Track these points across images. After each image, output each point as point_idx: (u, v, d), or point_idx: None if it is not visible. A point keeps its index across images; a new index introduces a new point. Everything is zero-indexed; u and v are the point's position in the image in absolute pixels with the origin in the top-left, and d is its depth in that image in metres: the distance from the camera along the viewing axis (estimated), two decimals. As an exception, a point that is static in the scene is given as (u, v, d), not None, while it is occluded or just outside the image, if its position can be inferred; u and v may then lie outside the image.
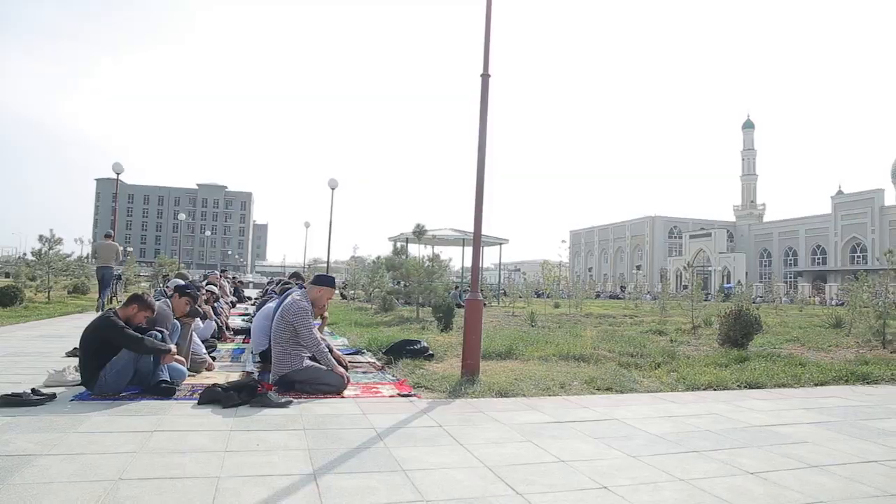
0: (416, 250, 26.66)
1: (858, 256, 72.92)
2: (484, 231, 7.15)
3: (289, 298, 5.96)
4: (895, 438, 4.80)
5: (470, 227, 7.35)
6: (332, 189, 25.98)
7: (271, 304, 7.39)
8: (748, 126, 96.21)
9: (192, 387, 5.60)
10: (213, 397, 5.00)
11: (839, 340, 12.76)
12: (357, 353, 8.68)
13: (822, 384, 7.37)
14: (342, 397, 5.58)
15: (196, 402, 5.03)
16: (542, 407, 5.48)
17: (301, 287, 6.83)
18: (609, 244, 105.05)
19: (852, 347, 11.49)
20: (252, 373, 6.66)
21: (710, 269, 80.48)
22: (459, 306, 12.37)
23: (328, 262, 27.20)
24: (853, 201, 75.03)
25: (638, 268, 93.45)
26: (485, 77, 7.09)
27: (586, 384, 6.56)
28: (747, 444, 4.43)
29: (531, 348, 8.97)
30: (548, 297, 32.83)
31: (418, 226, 17.99)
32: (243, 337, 10.04)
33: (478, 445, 4.13)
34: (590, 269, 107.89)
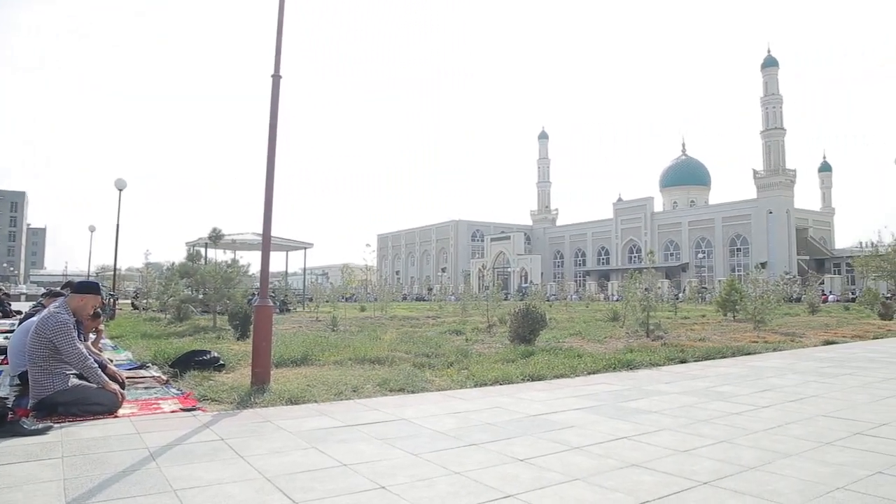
0: (219, 256, 25.29)
1: (635, 256, 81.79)
2: (288, 235, 7.01)
3: (45, 311, 5.36)
4: (643, 415, 5.46)
5: (273, 231, 7.09)
6: (120, 190, 23.79)
7: (35, 319, 6.58)
8: (543, 137, 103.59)
9: (-76, 419, 4.82)
10: (-51, 430, 4.35)
11: (614, 332, 14.25)
12: (141, 367, 8.05)
13: (594, 373, 8.14)
14: (116, 417, 5.15)
15: (-75, 436, 4.34)
16: (333, 412, 5.46)
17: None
18: (416, 247, 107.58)
19: (623, 338, 12.87)
20: (6, 398, 5.87)
21: (509, 269, 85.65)
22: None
23: (115, 268, 24.87)
24: (630, 207, 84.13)
25: (443, 270, 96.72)
26: (276, 78, 6.95)
27: (379, 386, 6.64)
28: (522, 434, 4.76)
29: (328, 353, 8.91)
30: (355, 300, 32.88)
31: (215, 230, 17.08)
32: (2, 358, 8.84)
33: (259, 456, 4.01)
34: (397, 272, 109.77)
